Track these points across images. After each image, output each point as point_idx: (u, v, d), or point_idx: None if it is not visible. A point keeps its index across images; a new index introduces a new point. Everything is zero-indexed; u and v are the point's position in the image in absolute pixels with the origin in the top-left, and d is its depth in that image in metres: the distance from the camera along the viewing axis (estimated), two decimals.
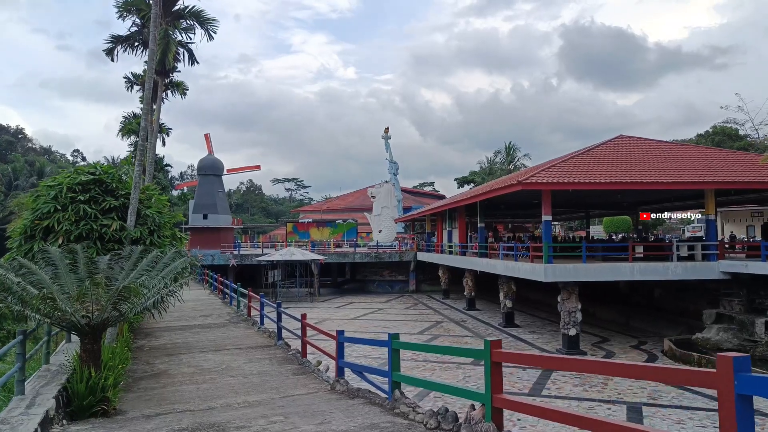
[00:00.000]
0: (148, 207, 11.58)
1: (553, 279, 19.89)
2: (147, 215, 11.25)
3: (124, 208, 10.99)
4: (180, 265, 8.38)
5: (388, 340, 6.96)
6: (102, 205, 10.78)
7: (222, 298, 25.95)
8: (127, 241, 10.58)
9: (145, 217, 11.24)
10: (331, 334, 9.56)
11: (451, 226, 36.02)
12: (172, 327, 17.03)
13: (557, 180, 19.04)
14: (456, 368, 18.81)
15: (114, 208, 10.93)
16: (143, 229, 10.94)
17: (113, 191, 11.17)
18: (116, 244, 10.39)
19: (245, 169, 59.30)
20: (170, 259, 8.91)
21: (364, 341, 10.06)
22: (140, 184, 10.85)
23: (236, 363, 11.61)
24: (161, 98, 23.78)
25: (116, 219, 10.71)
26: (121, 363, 9.82)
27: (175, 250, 9.65)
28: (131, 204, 10.68)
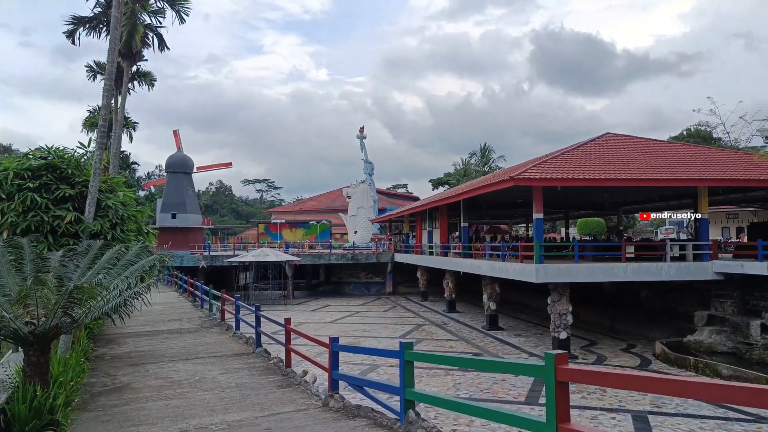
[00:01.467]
0: (110, 197, 10.17)
1: (544, 280, 18.97)
2: (109, 206, 9.85)
3: (81, 197, 9.58)
4: (147, 263, 7.09)
5: (400, 350, 5.79)
6: (55, 194, 9.37)
7: (192, 301, 24.40)
8: (84, 235, 9.20)
9: (107, 209, 9.83)
10: (323, 341, 8.34)
11: (431, 226, 35.00)
12: (137, 333, 15.55)
13: (550, 176, 18.12)
14: (444, 374, 17.71)
15: (69, 197, 9.52)
16: (104, 222, 9.55)
17: (69, 178, 9.75)
18: (71, 239, 9.00)
19: (216, 166, 57.25)
20: (135, 255, 7.59)
21: (366, 350, 8.82)
22: (101, 171, 9.48)
23: (211, 374, 10.29)
24: (127, 87, 22.22)
25: (72, 210, 9.31)
26: (75, 376, 8.44)
27: (142, 246, 8.33)
28: (90, 193, 9.29)
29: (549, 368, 3.78)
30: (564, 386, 3.81)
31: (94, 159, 9.48)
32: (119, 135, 15.93)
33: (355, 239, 50.90)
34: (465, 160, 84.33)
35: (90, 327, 12.88)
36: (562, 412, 3.78)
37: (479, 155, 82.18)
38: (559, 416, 3.73)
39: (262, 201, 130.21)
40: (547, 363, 3.84)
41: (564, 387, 3.81)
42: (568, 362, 3.88)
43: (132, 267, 7.11)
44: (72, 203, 9.47)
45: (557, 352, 3.81)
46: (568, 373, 3.76)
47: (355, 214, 55.07)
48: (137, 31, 16.70)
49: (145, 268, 7.11)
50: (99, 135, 9.89)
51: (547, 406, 3.85)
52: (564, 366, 3.78)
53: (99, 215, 9.60)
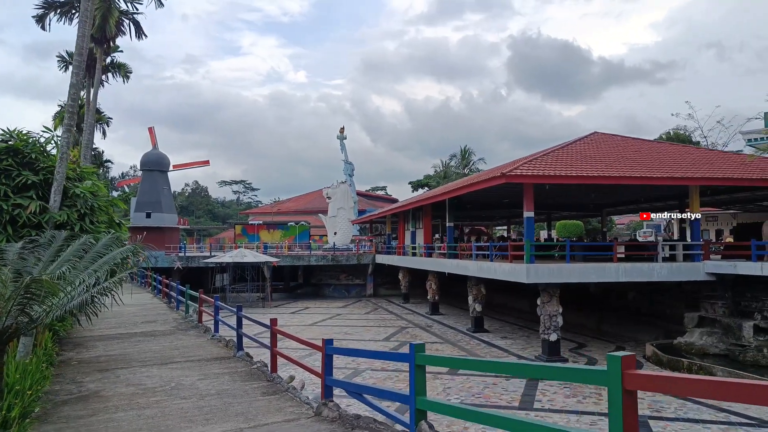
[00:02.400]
0: (78, 186, 9.23)
1: (536, 280, 18.40)
2: (77, 195, 8.92)
3: (46, 185, 8.66)
4: (118, 255, 6.25)
5: (411, 352, 5.05)
6: (17, 181, 8.43)
7: (167, 303, 23.34)
8: (49, 226, 8.29)
9: (75, 198, 8.91)
10: (316, 344, 7.56)
11: (415, 227, 34.34)
12: (108, 336, 14.54)
13: (543, 173, 17.57)
14: (433, 378, 17.01)
15: (33, 184, 8.59)
16: (71, 212, 8.63)
17: (33, 164, 8.81)
18: (34, 230, 8.09)
19: (193, 164, 55.71)
20: (105, 247, 6.73)
21: (365, 353, 8.00)
22: (69, 156, 8.58)
23: (188, 380, 9.42)
24: (101, 78, 21.14)
25: (35, 198, 8.39)
26: (36, 384, 7.53)
27: (113, 236, 7.46)
28: (56, 180, 8.38)
29: (614, 374, 3.08)
30: (632, 396, 3.12)
31: (61, 142, 8.57)
32: (91, 125, 14.94)
33: (335, 240, 50.03)
34: (445, 162, 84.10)
35: (55, 329, 11.89)
36: (630, 427, 3.09)
37: (459, 157, 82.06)
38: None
39: (239, 202, 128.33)
40: (611, 368, 3.14)
41: (632, 396, 3.12)
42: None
43: (101, 259, 6.27)
44: (36, 191, 8.55)
45: (623, 354, 3.12)
46: (638, 380, 3.07)
47: (335, 215, 54.21)
48: (112, 15, 15.72)
49: (116, 260, 6.28)
50: (68, 116, 8.95)
51: (610, 420, 3.14)
52: (632, 371, 3.09)
53: (66, 205, 8.68)
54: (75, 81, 9.21)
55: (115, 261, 6.29)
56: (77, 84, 9.22)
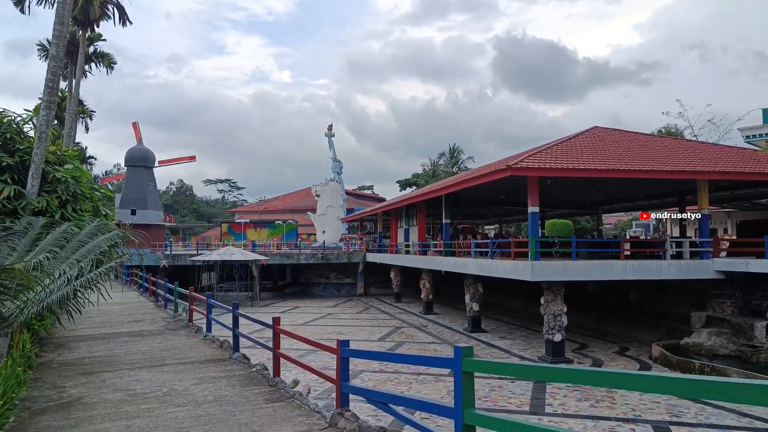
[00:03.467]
0: (59, 170, 8.28)
1: (541, 278, 17.71)
2: (58, 180, 8.00)
3: (23, 167, 7.74)
4: (105, 242, 5.38)
5: (456, 357, 4.24)
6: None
7: (155, 301, 22.32)
8: (25, 213, 7.37)
9: (55, 183, 7.98)
10: (329, 346, 6.73)
11: (408, 224, 33.55)
12: (92, 336, 13.56)
13: (550, 165, 16.86)
14: (434, 381, 16.23)
15: (8, 167, 7.66)
16: (51, 199, 7.71)
17: (8, 144, 7.88)
18: (8, 218, 7.17)
19: (180, 159, 54.42)
20: (89, 235, 5.84)
21: (390, 357, 7.07)
22: (48, 135, 7.64)
23: (182, 385, 8.53)
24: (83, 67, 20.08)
25: (10, 183, 7.47)
26: (10, 390, 6.63)
27: (98, 223, 6.57)
28: (34, 162, 7.46)
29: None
30: None
31: (40, 120, 7.64)
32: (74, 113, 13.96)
33: (324, 239, 49.11)
34: (434, 161, 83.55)
35: (35, 328, 10.93)
36: None
37: (448, 156, 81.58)
38: None
39: (224, 202, 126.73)
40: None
41: None
42: None
43: (84, 248, 5.39)
44: (11, 174, 7.62)
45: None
46: None
47: (323, 213, 53.26)
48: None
49: (102, 248, 5.42)
50: (47, 92, 7.99)
51: None
52: None
53: (45, 190, 7.77)
54: (55, 52, 8.23)
55: (101, 249, 5.43)
56: (57, 56, 8.24)
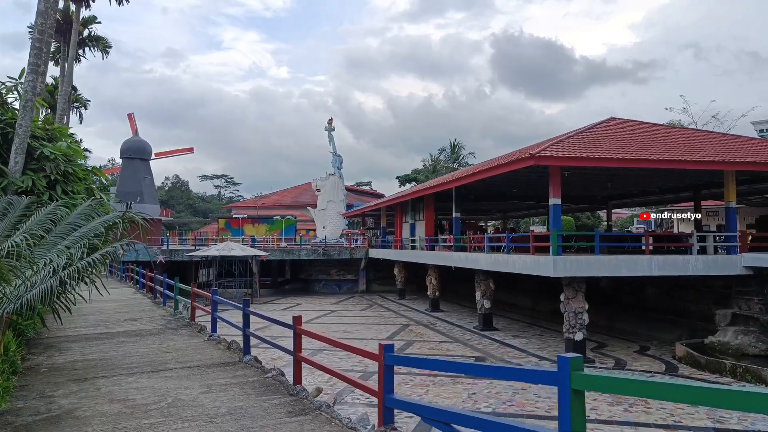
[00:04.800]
0: (47, 146, 7.17)
1: (563, 274, 16.73)
2: (46, 157, 6.90)
3: (5, 141, 6.65)
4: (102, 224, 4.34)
5: (563, 370, 3.22)
6: None
7: (152, 298, 21.24)
8: (7, 193, 6.32)
9: (43, 160, 6.90)
10: (370, 351, 5.71)
11: (414, 219, 32.52)
12: (85, 336, 12.48)
13: (575, 154, 15.85)
14: (452, 383, 15.23)
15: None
16: (38, 178, 6.63)
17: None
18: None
19: (177, 152, 53.05)
20: (81, 217, 4.78)
21: (449, 366, 5.78)
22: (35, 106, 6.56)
23: (189, 393, 7.49)
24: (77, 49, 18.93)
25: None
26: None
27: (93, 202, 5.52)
28: (18, 135, 6.38)
29: None
30: None
31: (25, 86, 6.55)
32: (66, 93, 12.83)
33: (325, 234, 48.02)
34: (434, 157, 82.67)
35: (20, 327, 9.85)
36: None
37: (449, 151, 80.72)
38: None
39: (221, 197, 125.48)
40: None
41: None
42: None
43: (75, 233, 4.36)
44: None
45: None
46: None
47: (324, 208, 52.11)
48: None
49: (98, 230, 4.38)
50: (34, 53, 6.88)
51: None
52: None
53: (31, 168, 6.69)
54: (44, 8, 7.06)
55: (96, 232, 4.39)
56: (46, 12, 7.08)
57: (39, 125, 7.24)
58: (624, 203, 35.30)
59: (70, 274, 4.15)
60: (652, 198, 31.19)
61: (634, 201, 33.97)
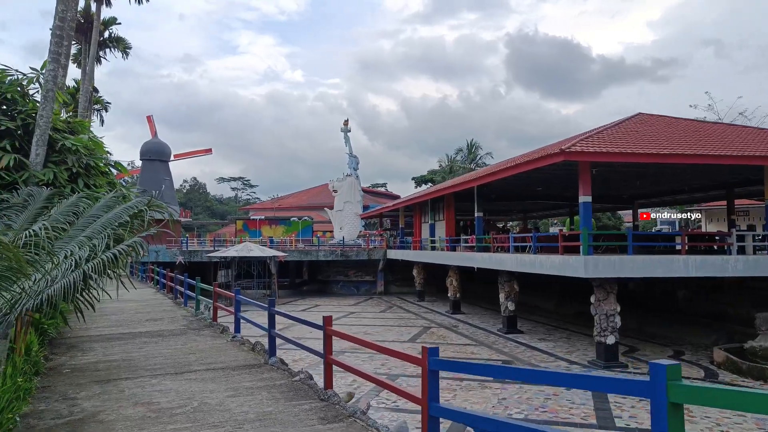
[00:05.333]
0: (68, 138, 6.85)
1: (594, 274, 16.17)
2: (67, 149, 6.59)
3: (26, 133, 6.36)
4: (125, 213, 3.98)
5: (657, 379, 2.75)
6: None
7: (173, 298, 21.02)
8: (29, 185, 6.01)
9: (65, 152, 6.58)
10: (411, 355, 5.30)
11: (434, 219, 32.05)
12: (107, 336, 12.22)
13: (607, 150, 15.30)
14: (480, 387, 14.77)
15: (7, 132, 6.28)
16: (59, 170, 6.33)
17: (8, 106, 6.49)
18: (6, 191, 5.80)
19: (196, 153, 53.04)
20: (105, 208, 4.42)
21: (505, 371, 5.05)
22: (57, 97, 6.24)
23: (215, 397, 7.13)
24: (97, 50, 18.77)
25: (10, 150, 6.09)
26: (8, 407, 5.24)
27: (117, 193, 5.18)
28: (39, 127, 6.08)
29: None
30: None
31: (46, 76, 6.25)
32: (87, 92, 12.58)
33: (343, 235, 47.71)
34: (450, 157, 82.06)
35: (44, 326, 9.59)
36: None
37: (466, 152, 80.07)
38: None
39: (237, 200, 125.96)
40: None
41: None
42: None
43: (97, 222, 4.01)
44: (11, 141, 6.23)
45: None
46: None
47: (341, 209, 51.83)
48: None
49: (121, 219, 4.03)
50: (54, 41, 6.58)
51: None
52: None
53: (52, 161, 6.39)
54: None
55: (120, 221, 4.05)
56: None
57: (60, 118, 6.95)
58: (651, 203, 34.47)
59: (93, 268, 3.81)
60: (681, 197, 30.41)
61: (662, 200, 33.16)
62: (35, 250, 3.78)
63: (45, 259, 3.91)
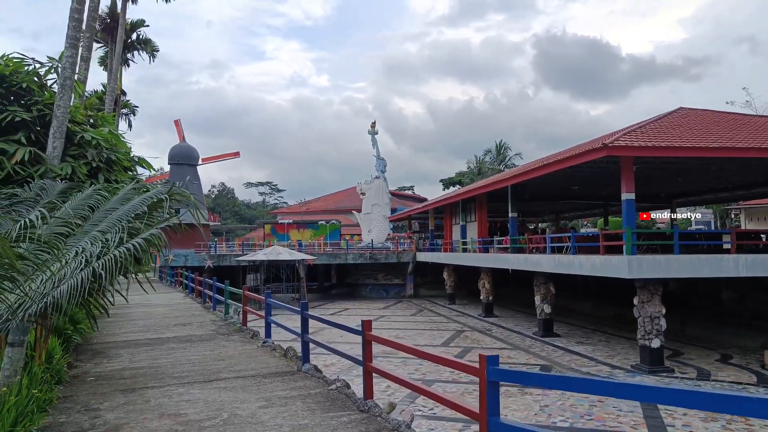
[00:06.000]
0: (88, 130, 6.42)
1: (639, 275, 15.35)
2: (87, 142, 6.17)
3: (42, 125, 5.95)
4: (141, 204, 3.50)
5: None
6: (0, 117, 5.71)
7: (202, 302, 20.73)
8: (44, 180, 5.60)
9: (84, 146, 6.16)
10: (467, 364, 4.72)
11: (465, 220, 31.33)
12: (134, 341, 11.87)
13: (653, 144, 14.49)
14: (520, 393, 14.06)
15: (23, 123, 5.89)
16: (78, 165, 5.91)
17: (23, 96, 6.12)
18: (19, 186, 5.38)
19: (224, 156, 53.07)
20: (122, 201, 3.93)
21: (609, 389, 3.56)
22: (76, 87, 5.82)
23: (246, 408, 6.62)
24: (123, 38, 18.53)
25: (24, 143, 5.69)
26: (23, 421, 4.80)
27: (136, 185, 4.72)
28: (55, 117, 5.67)
29: None
30: None
31: (64, 63, 5.84)
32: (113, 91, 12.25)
33: (371, 238, 47.22)
34: (479, 158, 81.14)
35: (67, 333, 9.24)
36: None
37: (495, 153, 79.07)
38: None
39: (265, 204, 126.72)
40: None
41: None
42: None
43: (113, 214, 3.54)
44: (26, 133, 5.83)
45: None
46: None
47: (369, 212, 51.35)
48: None
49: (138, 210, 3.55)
50: (72, 28, 6.17)
51: None
52: None
53: (70, 155, 5.97)
54: None
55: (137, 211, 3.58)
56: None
57: (81, 110, 6.57)
58: (689, 201, 33.18)
59: (105, 265, 3.35)
60: (723, 195, 29.20)
61: (702, 199, 31.92)
62: (41, 247, 3.34)
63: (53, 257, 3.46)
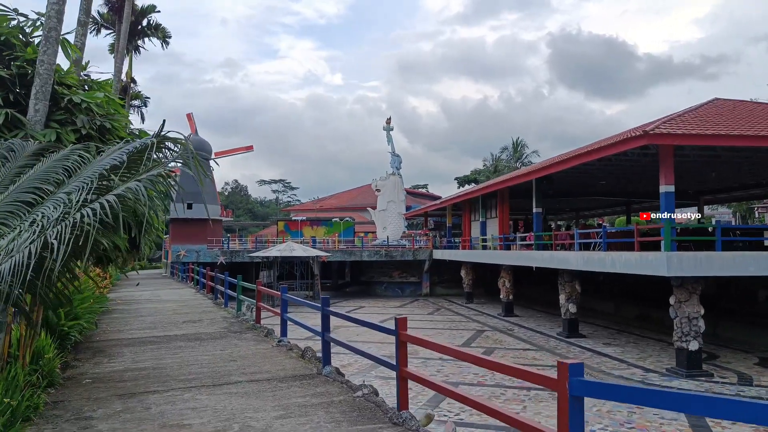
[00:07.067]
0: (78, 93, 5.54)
1: (679, 273, 14.32)
2: (76, 104, 5.27)
3: (22, 85, 5.09)
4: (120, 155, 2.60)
5: None
6: None
7: (213, 299, 19.92)
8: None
9: (73, 109, 5.27)
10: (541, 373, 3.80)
11: (485, 216, 30.30)
12: (139, 339, 11.05)
13: (697, 132, 13.43)
14: (551, 398, 13.05)
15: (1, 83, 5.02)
16: (64, 132, 5.02)
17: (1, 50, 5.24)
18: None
19: (237, 150, 52.26)
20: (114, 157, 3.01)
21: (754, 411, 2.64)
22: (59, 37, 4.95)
23: (260, 418, 5.72)
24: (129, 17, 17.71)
25: (2, 105, 4.83)
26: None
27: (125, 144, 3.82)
28: (38, 75, 4.81)
29: None
30: None
31: (49, 11, 4.98)
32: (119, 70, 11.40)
33: (387, 235, 46.31)
34: (495, 156, 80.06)
35: (63, 329, 8.41)
36: None
37: (511, 150, 77.95)
38: None
39: (278, 202, 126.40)
40: None
41: None
42: None
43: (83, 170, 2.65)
44: (4, 93, 4.97)
45: None
46: None
47: (384, 209, 50.45)
48: None
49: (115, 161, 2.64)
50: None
51: None
52: None
53: (57, 119, 5.11)
54: None
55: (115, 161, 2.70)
56: None
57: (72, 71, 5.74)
58: (718, 198, 31.92)
59: (59, 233, 2.49)
60: (755, 191, 27.94)
61: (732, 195, 30.64)
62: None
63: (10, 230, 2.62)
